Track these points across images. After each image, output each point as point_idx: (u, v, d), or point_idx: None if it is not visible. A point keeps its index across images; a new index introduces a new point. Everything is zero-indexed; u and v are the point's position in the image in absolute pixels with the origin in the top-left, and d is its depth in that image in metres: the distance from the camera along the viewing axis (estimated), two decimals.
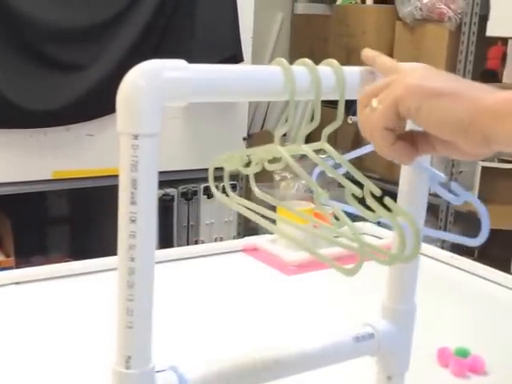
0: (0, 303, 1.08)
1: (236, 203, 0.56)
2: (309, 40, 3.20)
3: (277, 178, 2.61)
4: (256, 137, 2.70)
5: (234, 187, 2.50)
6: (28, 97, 1.97)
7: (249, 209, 0.57)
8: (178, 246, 2.36)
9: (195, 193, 2.42)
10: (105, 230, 2.65)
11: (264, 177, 2.55)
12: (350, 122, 2.12)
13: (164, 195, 2.33)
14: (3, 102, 1.94)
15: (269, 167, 0.53)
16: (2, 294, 1.12)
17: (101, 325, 1.01)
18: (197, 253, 1.37)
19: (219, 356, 0.52)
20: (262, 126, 3.13)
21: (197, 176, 2.41)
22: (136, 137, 0.43)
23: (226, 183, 0.57)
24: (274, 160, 0.54)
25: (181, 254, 1.35)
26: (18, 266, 2.11)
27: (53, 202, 2.54)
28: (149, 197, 0.44)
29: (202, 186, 2.44)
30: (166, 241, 2.28)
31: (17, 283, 1.15)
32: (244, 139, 2.50)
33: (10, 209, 2.30)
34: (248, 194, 2.75)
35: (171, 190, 2.35)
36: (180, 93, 0.44)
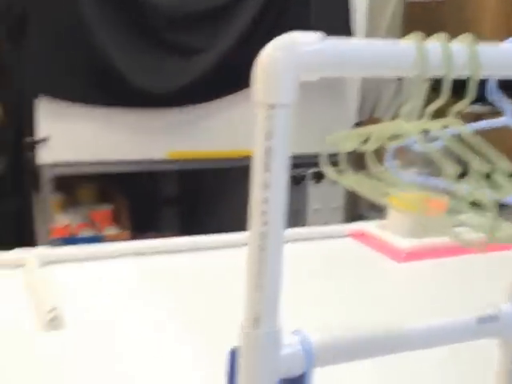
0: (119, 273, 1.15)
1: (352, 181, 0.56)
2: (423, 28, 3.11)
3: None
4: (365, 124, 2.68)
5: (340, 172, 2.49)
6: (149, 79, 2.06)
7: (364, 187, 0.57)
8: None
9: (303, 178, 2.43)
10: (216, 211, 2.74)
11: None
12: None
13: None
14: (125, 83, 2.04)
15: (389, 144, 0.53)
16: (120, 264, 1.19)
17: (223, 291, 1.06)
18: (304, 235, 1.39)
19: (341, 326, 0.53)
20: (371, 114, 3.09)
21: (305, 161, 2.42)
22: (272, 107, 0.45)
23: (343, 161, 0.58)
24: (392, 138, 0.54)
25: (289, 236, 1.37)
26: (133, 240, 2.22)
27: (167, 181, 2.64)
28: (282, 165, 0.46)
29: (310, 170, 2.45)
30: None
31: (135, 254, 1.22)
32: (355, 125, 2.49)
33: (126, 186, 2.42)
34: None
35: None
36: (315, 66, 0.46)
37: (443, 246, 1.25)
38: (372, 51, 0.48)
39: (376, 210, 2.47)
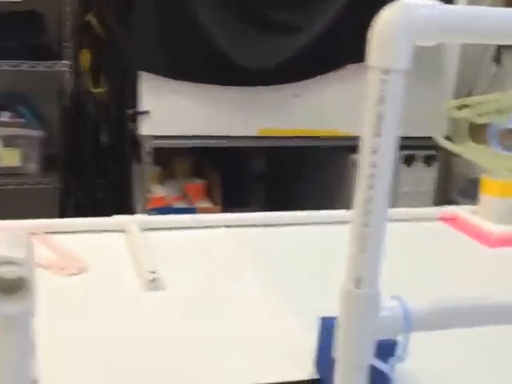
0: (213, 242, 1.20)
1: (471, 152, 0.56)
2: None
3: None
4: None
5: (432, 158, 2.44)
6: (247, 56, 2.09)
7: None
8: None
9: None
10: (302, 190, 2.76)
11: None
12: None
13: None
14: (225, 61, 2.08)
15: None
16: (213, 234, 1.23)
17: (312, 266, 1.08)
18: (395, 216, 1.39)
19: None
20: (468, 95, 3.00)
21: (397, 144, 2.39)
22: (386, 72, 0.46)
23: (461, 131, 0.58)
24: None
25: None
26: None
27: (256, 158, 2.68)
28: (392, 130, 0.47)
29: (403, 153, 2.41)
30: None
31: (226, 226, 1.26)
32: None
33: (219, 161, 2.47)
34: (447, 166, 2.66)
35: None
36: (432, 31, 0.46)
37: None
38: (491, 18, 0.47)
39: (466, 196, 2.40)
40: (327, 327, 0.63)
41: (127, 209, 2.22)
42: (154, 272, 0.99)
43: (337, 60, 2.23)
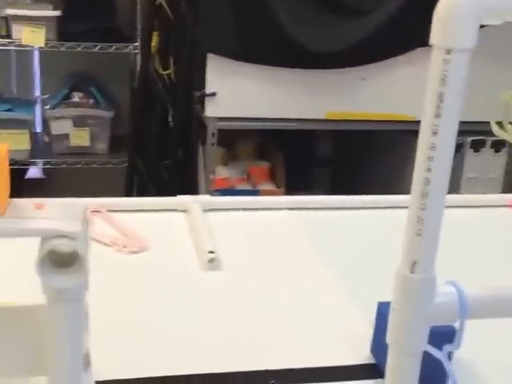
0: (274, 224, 1.20)
1: None
2: None
3: None
4: None
5: (501, 144, 2.36)
6: (316, 39, 2.08)
7: None
8: None
9: (461, 145, 2.34)
10: (367, 174, 2.73)
11: None
12: None
13: None
14: (293, 43, 2.07)
15: None
16: (276, 216, 1.23)
17: (367, 256, 1.07)
18: (460, 202, 1.36)
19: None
20: None
21: (465, 128, 2.32)
22: (449, 51, 0.44)
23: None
24: None
25: (446, 201, 1.34)
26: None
27: (322, 141, 2.66)
28: (453, 111, 0.46)
29: (469, 139, 2.35)
30: None
31: (289, 209, 1.26)
32: None
33: (284, 144, 2.47)
34: None
35: None
36: (498, 10, 0.44)
37: None
38: None
39: None
40: (383, 312, 0.62)
41: (191, 190, 2.25)
42: (212, 252, 1.01)
43: (406, 43, 2.18)
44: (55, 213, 0.44)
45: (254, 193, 2.26)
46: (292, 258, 1.05)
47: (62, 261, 0.42)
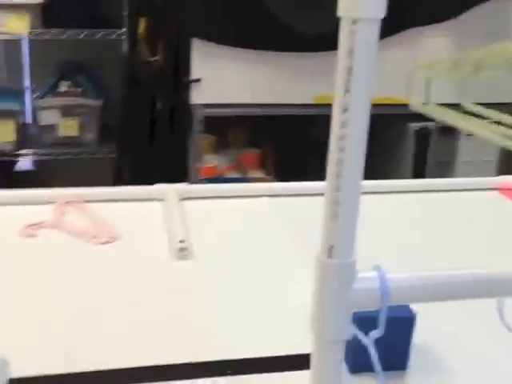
0: (252, 212, 1.18)
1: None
2: None
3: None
4: None
5: None
6: (302, 22, 2.04)
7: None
8: None
9: (455, 128, 2.31)
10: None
11: None
12: None
13: (422, 128, 2.26)
14: (280, 26, 2.04)
15: (485, 74, 0.48)
16: (256, 203, 1.21)
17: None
18: (446, 186, 1.34)
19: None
20: None
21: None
22: (355, 22, 0.42)
23: (427, 93, 0.52)
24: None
25: (429, 186, 1.33)
26: None
27: (313, 126, 2.63)
28: (363, 86, 0.43)
29: None
30: (418, 175, 2.24)
31: (269, 196, 1.24)
32: None
33: (274, 130, 2.44)
34: None
35: (430, 124, 2.27)
36: None
37: None
38: None
39: None
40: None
41: (182, 178, 2.23)
42: (183, 241, 0.99)
43: (396, 24, 2.14)
44: None
45: (243, 181, 2.24)
46: (266, 246, 1.03)
47: None
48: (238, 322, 0.82)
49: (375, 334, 0.48)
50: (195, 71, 2.11)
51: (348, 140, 0.44)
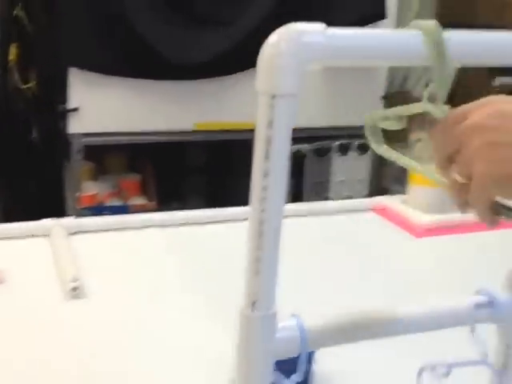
0: (143, 244, 1.18)
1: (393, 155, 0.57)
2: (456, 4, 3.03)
3: (413, 138, 2.55)
4: (395, 96, 2.64)
5: (366, 146, 2.48)
6: (177, 51, 2.07)
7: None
8: (307, 202, 2.40)
9: (329, 150, 2.43)
10: (239, 182, 2.74)
11: (398, 137, 2.51)
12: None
13: (297, 151, 2.36)
14: (155, 55, 2.05)
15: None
16: (144, 235, 1.22)
17: (231, 270, 1.08)
18: (326, 209, 1.40)
19: (338, 310, 0.55)
20: (401, 85, 3.04)
21: (331, 133, 2.42)
22: (273, 97, 0.46)
23: (374, 137, 0.57)
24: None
25: (310, 210, 1.38)
26: (159, 210, 2.25)
27: (194, 152, 2.66)
28: (282, 154, 0.47)
29: (337, 143, 2.44)
30: (296, 196, 2.33)
31: (160, 226, 1.24)
32: (382, 98, 2.46)
33: (155, 156, 2.44)
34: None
35: (304, 147, 2.38)
36: (318, 57, 0.46)
37: (463, 222, 1.25)
38: (377, 42, 0.48)
39: (400, 184, 2.46)
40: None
41: (58, 209, 2.17)
42: (75, 280, 0.98)
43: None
44: None
45: (125, 208, 2.22)
46: (158, 280, 1.04)
47: None
48: (129, 362, 0.82)
49: (295, 377, 0.52)
50: (73, 100, 2.07)
51: (268, 203, 0.47)
